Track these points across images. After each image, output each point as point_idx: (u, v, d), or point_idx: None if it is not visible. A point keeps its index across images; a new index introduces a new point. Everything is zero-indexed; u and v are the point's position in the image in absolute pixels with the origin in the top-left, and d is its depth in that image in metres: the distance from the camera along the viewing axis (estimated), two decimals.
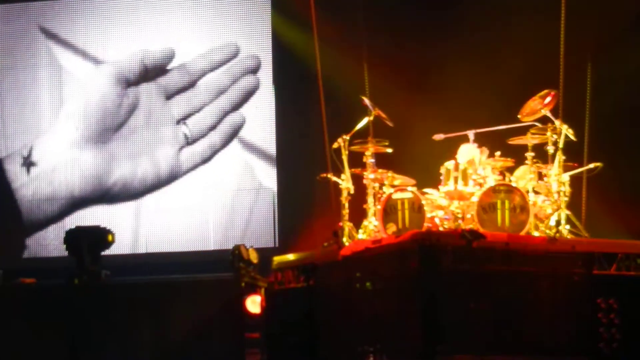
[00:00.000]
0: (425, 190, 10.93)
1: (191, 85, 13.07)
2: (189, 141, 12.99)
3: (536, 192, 10.67)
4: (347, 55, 12.46)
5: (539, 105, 10.74)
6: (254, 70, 13.00)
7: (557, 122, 10.57)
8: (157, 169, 13.03)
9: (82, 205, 13.08)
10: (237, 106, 12.98)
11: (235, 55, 13.03)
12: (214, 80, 13.05)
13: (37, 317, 9.71)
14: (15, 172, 13.26)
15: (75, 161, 13.13)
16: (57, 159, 13.18)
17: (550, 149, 10.59)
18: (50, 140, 13.24)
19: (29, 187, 13.23)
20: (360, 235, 10.87)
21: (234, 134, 12.97)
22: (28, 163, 13.24)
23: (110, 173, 13.08)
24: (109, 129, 13.11)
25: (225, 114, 12.97)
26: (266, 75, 12.98)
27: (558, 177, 10.53)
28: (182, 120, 13.02)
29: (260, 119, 12.94)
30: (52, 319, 9.67)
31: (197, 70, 13.06)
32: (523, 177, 10.74)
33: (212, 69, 13.05)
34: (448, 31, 12.22)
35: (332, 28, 12.57)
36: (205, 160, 12.99)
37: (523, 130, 10.78)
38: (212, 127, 12.96)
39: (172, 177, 13.02)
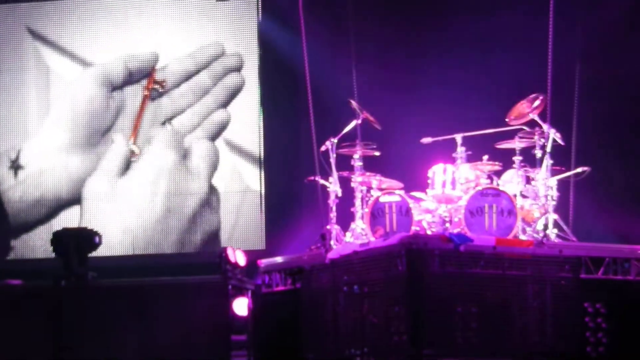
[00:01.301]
0: (413, 193, 10.92)
1: (176, 85, 13.05)
2: (175, 141, 12.96)
3: (524, 196, 10.67)
4: (335, 57, 12.44)
5: (527, 108, 10.76)
6: (239, 69, 12.99)
7: (545, 126, 10.59)
8: (145, 170, 12.99)
9: (70, 208, 13.03)
10: (223, 105, 12.96)
11: (221, 55, 13.01)
12: (199, 79, 13.02)
13: (23, 319, 9.67)
14: (3, 175, 13.21)
15: (62, 164, 13.09)
16: (44, 162, 13.13)
17: (538, 152, 10.61)
18: (37, 143, 13.20)
19: (17, 189, 13.17)
20: (348, 238, 10.87)
21: (220, 131, 12.94)
22: (16, 166, 13.19)
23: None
24: (96, 131, 13.07)
25: (211, 112, 12.95)
26: (252, 77, 12.95)
27: (545, 181, 10.55)
28: (168, 120, 12.99)
29: (247, 121, 12.92)
30: (38, 320, 9.63)
31: (183, 70, 13.04)
32: (511, 181, 10.74)
33: (198, 69, 13.03)
34: (437, 35, 12.22)
35: (320, 29, 12.55)
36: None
37: (511, 134, 10.79)
38: (198, 126, 12.94)
39: (159, 177, 12.98)
